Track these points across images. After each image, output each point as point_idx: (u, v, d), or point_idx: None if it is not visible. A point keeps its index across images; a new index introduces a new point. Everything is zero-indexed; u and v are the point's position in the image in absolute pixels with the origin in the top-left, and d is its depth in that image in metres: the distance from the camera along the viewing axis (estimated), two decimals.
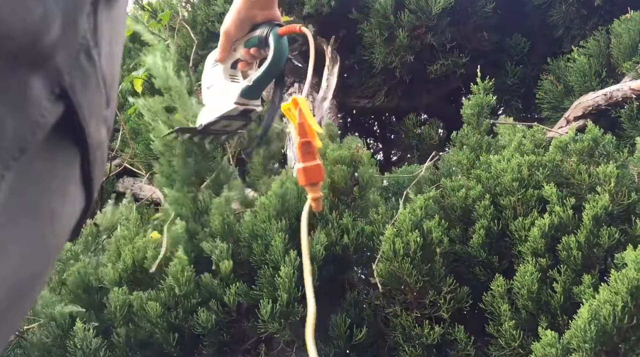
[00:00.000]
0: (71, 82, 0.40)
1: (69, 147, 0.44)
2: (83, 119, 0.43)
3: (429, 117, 3.83)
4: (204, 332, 1.87)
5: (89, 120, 0.43)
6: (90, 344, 1.86)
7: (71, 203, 0.46)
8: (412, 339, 1.83)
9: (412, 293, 1.87)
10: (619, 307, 1.52)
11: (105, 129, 0.48)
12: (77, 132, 0.43)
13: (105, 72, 0.46)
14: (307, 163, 0.96)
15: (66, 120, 0.41)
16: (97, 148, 0.47)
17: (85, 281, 2.04)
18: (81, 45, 0.41)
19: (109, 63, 0.46)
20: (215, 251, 1.92)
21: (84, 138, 0.44)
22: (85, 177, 0.47)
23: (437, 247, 1.83)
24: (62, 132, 0.42)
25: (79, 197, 0.47)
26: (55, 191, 0.43)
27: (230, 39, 1.21)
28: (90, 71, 0.43)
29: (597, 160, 1.96)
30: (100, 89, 0.45)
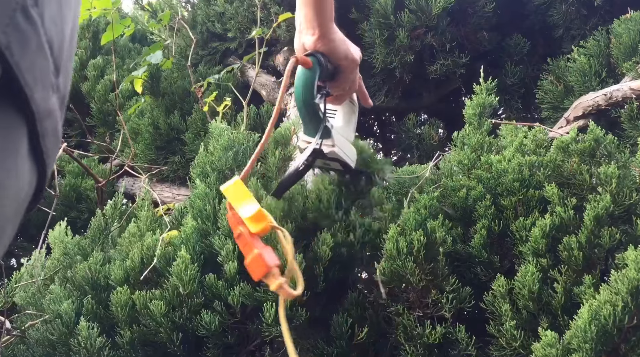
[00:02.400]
0: (7, 42, 0.37)
1: (13, 117, 0.41)
2: (25, 84, 0.40)
3: (429, 117, 3.83)
4: (208, 334, 1.87)
5: (33, 85, 0.40)
6: (95, 342, 1.87)
7: (18, 176, 0.43)
8: (414, 339, 1.83)
9: (415, 292, 1.87)
10: (619, 308, 1.53)
11: (56, 98, 0.45)
12: (19, 98, 0.40)
13: (52, 35, 0.43)
14: (248, 258, 0.86)
15: (7, 87, 0.39)
16: (45, 117, 0.43)
17: (94, 278, 2.05)
18: (17, 3, 0.38)
19: (55, 26, 0.43)
20: (222, 252, 1.92)
21: (27, 104, 0.41)
22: (34, 150, 0.44)
23: (440, 247, 1.84)
24: (4, 100, 0.39)
25: (28, 171, 0.44)
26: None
27: None
28: (30, 32, 0.40)
29: (599, 161, 1.97)
30: (44, 53, 0.42)
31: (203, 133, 3.21)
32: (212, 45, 3.83)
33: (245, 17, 3.63)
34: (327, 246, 1.90)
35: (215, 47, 3.82)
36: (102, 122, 3.81)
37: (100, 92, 3.79)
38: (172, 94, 3.50)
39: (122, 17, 3.61)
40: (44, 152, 0.45)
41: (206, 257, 1.99)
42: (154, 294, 1.91)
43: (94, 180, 3.10)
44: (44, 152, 0.45)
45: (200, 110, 3.26)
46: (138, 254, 2.00)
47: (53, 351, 1.97)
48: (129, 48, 4.24)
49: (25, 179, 0.44)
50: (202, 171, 2.18)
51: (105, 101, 3.77)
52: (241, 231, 0.87)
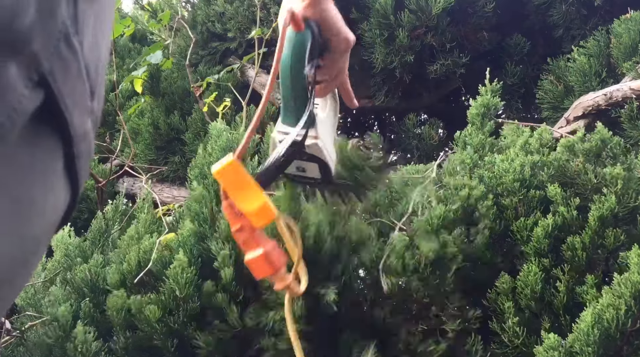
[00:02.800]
0: (50, 69, 0.39)
1: (51, 138, 0.43)
2: (65, 108, 0.41)
3: (429, 117, 3.82)
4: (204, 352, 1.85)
5: (72, 110, 0.42)
6: (90, 347, 1.85)
7: (54, 195, 0.45)
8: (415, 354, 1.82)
9: (419, 305, 1.85)
10: (622, 311, 1.53)
11: (90, 121, 0.47)
12: (59, 122, 0.42)
13: (89, 62, 0.45)
14: (250, 255, 0.74)
15: (47, 110, 0.40)
16: (81, 139, 0.45)
17: (93, 280, 2.04)
18: (60, 32, 0.40)
19: (92, 53, 0.45)
20: (218, 257, 1.90)
21: (66, 128, 0.43)
22: (69, 170, 0.46)
23: (450, 263, 1.80)
24: (44, 122, 0.41)
25: (62, 190, 0.46)
26: (36, 181, 0.42)
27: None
28: (71, 59, 0.42)
29: (604, 161, 1.96)
30: (82, 79, 0.44)
31: (203, 133, 3.20)
32: (212, 45, 3.82)
33: (245, 17, 3.63)
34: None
35: (215, 47, 3.82)
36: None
37: None
38: (172, 94, 3.49)
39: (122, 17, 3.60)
40: (78, 173, 0.47)
41: (203, 260, 1.97)
42: (149, 299, 1.89)
43: (94, 180, 3.09)
44: (78, 172, 0.47)
45: (200, 111, 3.26)
46: (135, 257, 1.99)
47: (50, 354, 1.96)
48: (129, 48, 4.23)
49: (61, 198, 0.46)
50: (200, 173, 2.17)
51: (105, 101, 3.76)
52: (242, 224, 0.73)
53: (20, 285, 0.45)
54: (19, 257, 0.42)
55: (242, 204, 0.71)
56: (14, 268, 0.42)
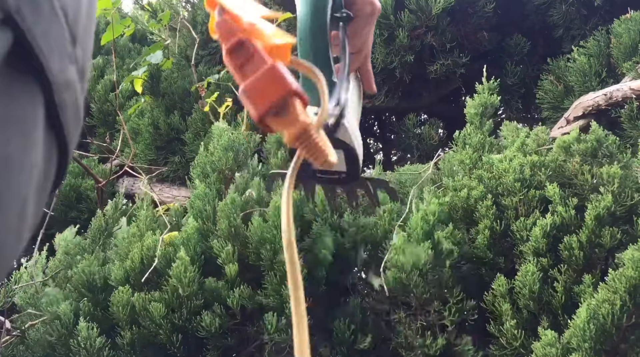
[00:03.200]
0: (17, 6, 0.35)
1: (28, 86, 0.38)
2: (40, 51, 0.37)
3: (429, 117, 3.83)
4: (208, 335, 1.87)
5: (48, 53, 0.38)
6: (94, 343, 1.86)
7: (36, 151, 0.40)
8: (415, 349, 1.82)
9: (418, 301, 1.86)
10: (617, 307, 1.53)
11: (74, 69, 0.43)
12: (35, 67, 0.38)
13: (66, 3, 0.40)
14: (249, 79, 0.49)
15: (20, 54, 0.36)
16: (64, 88, 0.41)
17: (90, 280, 2.04)
18: None
19: None
20: (222, 253, 1.92)
21: (44, 74, 0.38)
22: (53, 123, 0.41)
23: (446, 259, 1.82)
24: (18, 68, 0.37)
25: (46, 146, 0.41)
26: (13, 135, 0.37)
27: None
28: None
29: (601, 161, 1.97)
30: (59, 20, 0.40)
31: (203, 133, 3.20)
32: (212, 45, 3.83)
33: None
34: (327, 251, 1.90)
35: (215, 47, 3.82)
36: (102, 122, 3.81)
37: (100, 92, 3.78)
38: (172, 94, 3.50)
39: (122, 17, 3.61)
40: (64, 126, 0.43)
41: (207, 258, 1.99)
42: (153, 296, 1.91)
43: (94, 180, 3.10)
44: (64, 126, 0.43)
45: (200, 110, 3.26)
46: (138, 255, 2.00)
47: (53, 351, 1.97)
48: (129, 48, 4.24)
49: (46, 155, 0.42)
50: (202, 171, 2.18)
51: (105, 101, 3.77)
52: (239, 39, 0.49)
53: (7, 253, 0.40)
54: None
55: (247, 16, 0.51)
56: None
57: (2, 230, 0.38)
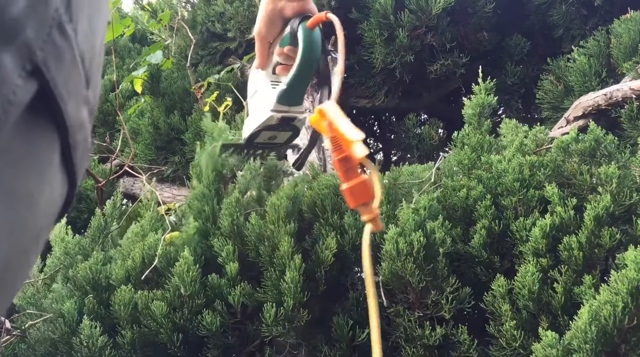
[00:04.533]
0: (44, 58, 0.38)
1: (46, 129, 0.41)
2: (60, 98, 0.40)
3: (429, 117, 3.82)
4: (208, 334, 1.87)
5: (67, 99, 0.41)
6: (97, 342, 1.87)
7: (50, 187, 0.44)
8: (414, 340, 1.83)
9: (415, 293, 1.87)
10: (619, 308, 1.53)
11: (86, 111, 0.46)
12: (54, 112, 0.41)
13: (84, 49, 0.43)
14: (351, 182, 0.81)
15: (42, 100, 0.39)
16: (77, 130, 0.44)
17: (95, 278, 2.05)
18: (53, 19, 0.39)
19: (87, 40, 0.44)
20: (222, 252, 1.92)
21: (62, 118, 0.42)
22: (66, 161, 0.44)
23: (440, 248, 1.84)
24: (39, 113, 0.40)
25: (59, 182, 0.45)
26: (33, 174, 0.41)
27: (264, 41, 1.08)
28: (65, 48, 0.41)
29: (599, 161, 1.97)
30: (77, 67, 0.43)
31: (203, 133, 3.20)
32: (212, 45, 3.82)
33: (245, 17, 3.63)
34: (330, 251, 1.90)
35: (215, 47, 3.82)
36: (102, 122, 3.81)
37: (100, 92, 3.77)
38: (172, 94, 3.50)
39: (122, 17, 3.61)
40: (75, 164, 0.46)
41: (207, 258, 1.99)
42: (155, 295, 1.92)
43: (94, 180, 3.10)
44: (75, 164, 0.46)
45: (200, 110, 3.26)
46: (139, 254, 2.00)
47: (55, 350, 1.97)
48: (129, 48, 4.24)
49: (58, 191, 0.45)
50: (201, 171, 2.18)
51: (105, 101, 3.77)
52: (346, 155, 0.79)
53: (18, 280, 0.44)
54: (15, 251, 0.41)
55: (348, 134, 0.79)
56: (10, 263, 0.41)
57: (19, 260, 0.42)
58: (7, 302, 0.44)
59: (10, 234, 0.40)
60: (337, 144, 0.81)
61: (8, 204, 0.39)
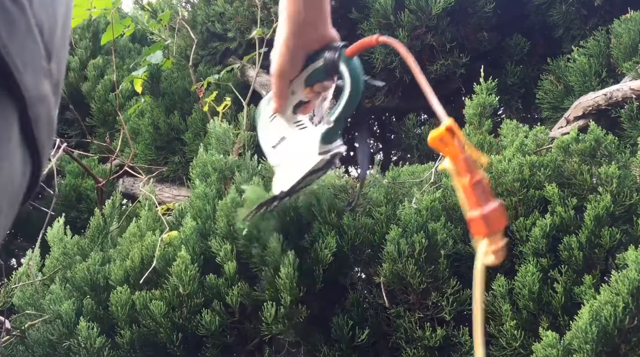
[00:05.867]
0: None
1: (2, 101, 0.39)
2: (14, 68, 0.39)
3: (429, 117, 3.82)
4: (207, 333, 1.87)
5: (23, 70, 0.39)
6: (94, 343, 1.87)
7: (9, 163, 0.41)
8: (415, 341, 1.83)
9: (415, 294, 1.87)
10: (620, 308, 1.53)
11: (49, 84, 0.44)
12: (10, 83, 0.39)
13: (42, 19, 0.41)
14: (487, 208, 0.73)
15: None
16: (38, 102, 0.42)
17: (94, 279, 2.05)
18: None
19: (45, 9, 0.42)
20: (220, 252, 1.92)
21: (17, 89, 0.40)
22: (27, 137, 0.42)
23: (441, 249, 1.84)
24: None
25: (20, 159, 0.43)
26: None
27: (287, 80, 0.99)
28: (17, 14, 0.39)
29: (599, 161, 1.96)
30: (34, 37, 0.41)
31: (203, 133, 3.20)
32: (212, 45, 3.82)
33: (245, 17, 3.63)
34: (329, 250, 1.90)
35: (215, 47, 3.82)
36: (102, 122, 3.81)
37: (100, 92, 3.78)
38: (172, 94, 3.49)
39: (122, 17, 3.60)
40: (37, 139, 0.44)
41: (206, 257, 1.99)
42: (153, 295, 1.92)
43: (94, 180, 3.10)
44: (37, 139, 0.44)
45: (200, 110, 3.26)
46: (138, 254, 2.00)
47: (53, 351, 1.97)
48: (129, 48, 4.23)
49: (18, 168, 0.43)
50: (202, 171, 2.18)
51: (105, 101, 3.77)
52: (479, 178, 0.72)
53: None
54: None
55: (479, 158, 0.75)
56: None
57: None
58: None
59: None
60: (467, 166, 0.72)
61: None
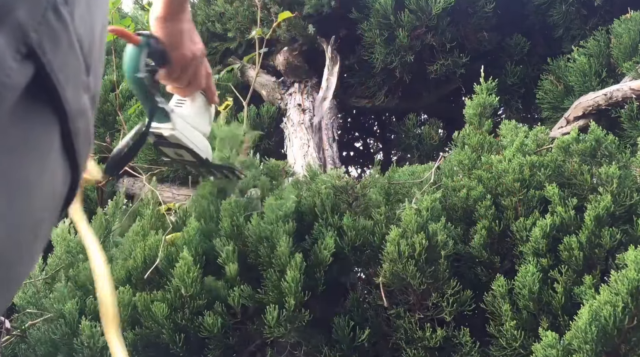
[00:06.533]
0: (39, 40, 0.37)
1: (45, 115, 0.40)
2: (57, 83, 0.40)
3: (429, 117, 3.83)
4: (210, 334, 1.87)
5: (65, 84, 0.40)
6: (98, 342, 1.86)
7: (52, 176, 0.43)
8: (415, 342, 1.83)
9: (415, 295, 1.87)
10: (619, 308, 1.53)
11: (87, 97, 0.45)
12: (53, 97, 0.40)
13: (81, 34, 0.42)
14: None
15: (40, 85, 0.38)
16: (78, 116, 0.43)
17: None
18: (48, 1, 0.38)
19: (85, 25, 0.43)
20: (222, 253, 1.92)
21: (60, 103, 0.41)
22: (67, 149, 0.44)
23: (441, 250, 1.83)
24: (37, 98, 0.39)
25: (61, 170, 0.44)
26: (30, 160, 0.40)
27: None
28: (61, 31, 0.39)
29: (600, 161, 1.97)
30: (75, 52, 0.42)
31: None
32: (212, 45, 3.83)
33: (245, 17, 3.63)
34: (328, 251, 1.90)
35: (215, 47, 3.82)
36: (102, 122, 3.81)
37: (100, 92, 3.78)
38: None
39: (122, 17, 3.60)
40: (76, 151, 0.45)
41: (208, 258, 1.99)
42: (156, 296, 1.91)
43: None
44: (76, 151, 0.45)
45: None
46: (141, 254, 2.00)
47: (55, 350, 1.97)
48: None
49: (59, 178, 0.44)
50: None
51: (105, 101, 3.77)
52: None
53: (21, 270, 0.43)
54: (15, 238, 0.40)
55: None
56: (10, 251, 0.39)
57: (18, 248, 0.40)
58: (6, 298, 0.42)
59: (8, 222, 0.38)
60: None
61: (4, 192, 0.38)
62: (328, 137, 3.34)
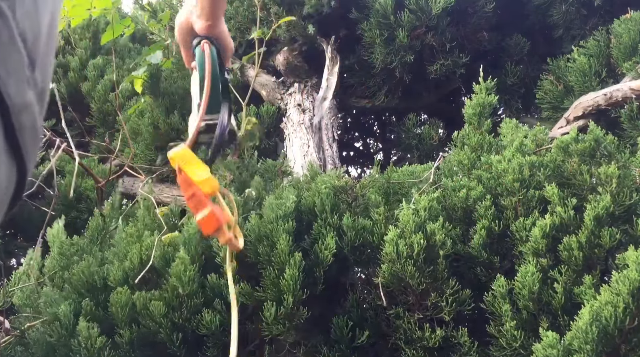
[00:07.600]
0: None
1: None
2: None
3: (429, 117, 3.82)
4: (208, 333, 1.87)
5: (6, 79, 0.40)
6: (95, 343, 1.86)
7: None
8: (414, 342, 1.83)
9: (415, 295, 1.87)
10: (620, 309, 1.52)
11: (33, 93, 0.44)
12: None
13: (25, 29, 0.42)
14: (200, 214, 0.92)
15: None
16: (22, 111, 0.43)
17: (90, 280, 2.04)
18: None
19: (29, 19, 0.43)
20: (220, 252, 1.92)
21: (1, 98, 0.40)
22: (11, 144, 0.43)
23: (440, 250, 1.83)
24: None
25: (5, 167, 0.43)
26: None
27: (184, 48, 1.17)
28: (0, 26, 0.39)
29: (599, 161, 1.96)
30: (16, 47, 0.41)
31: None
32: None
33: (245, 17, 3.63)
34: (329, 251, 1.90)
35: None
36: (102, 122, 3.81)
37: (100, 92, 3.78)
38: (172, 94, 3.49)
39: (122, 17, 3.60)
40: (22, 147, 0.44)
41: (207, 257, 1.99)
42: (153, 295, 1.91)
43: (94, 180, 3.09)
44: (22, 147, 0.44)
45: None
46: (137, 255, 2.00)
47: (53, 352, 1.97)
48: (129, 48, 4.23)
49: (3, 176, 0.43)
50: None
51: (105, 101, 3.77)
52: (194, 192, 0.92)
53: None
54: None
55: (194, 176, 0.92)
56: None
57: None
58: None
59: None
60: (184, 185, 0.93)
61: None
62: (328, 137, 3.34)
